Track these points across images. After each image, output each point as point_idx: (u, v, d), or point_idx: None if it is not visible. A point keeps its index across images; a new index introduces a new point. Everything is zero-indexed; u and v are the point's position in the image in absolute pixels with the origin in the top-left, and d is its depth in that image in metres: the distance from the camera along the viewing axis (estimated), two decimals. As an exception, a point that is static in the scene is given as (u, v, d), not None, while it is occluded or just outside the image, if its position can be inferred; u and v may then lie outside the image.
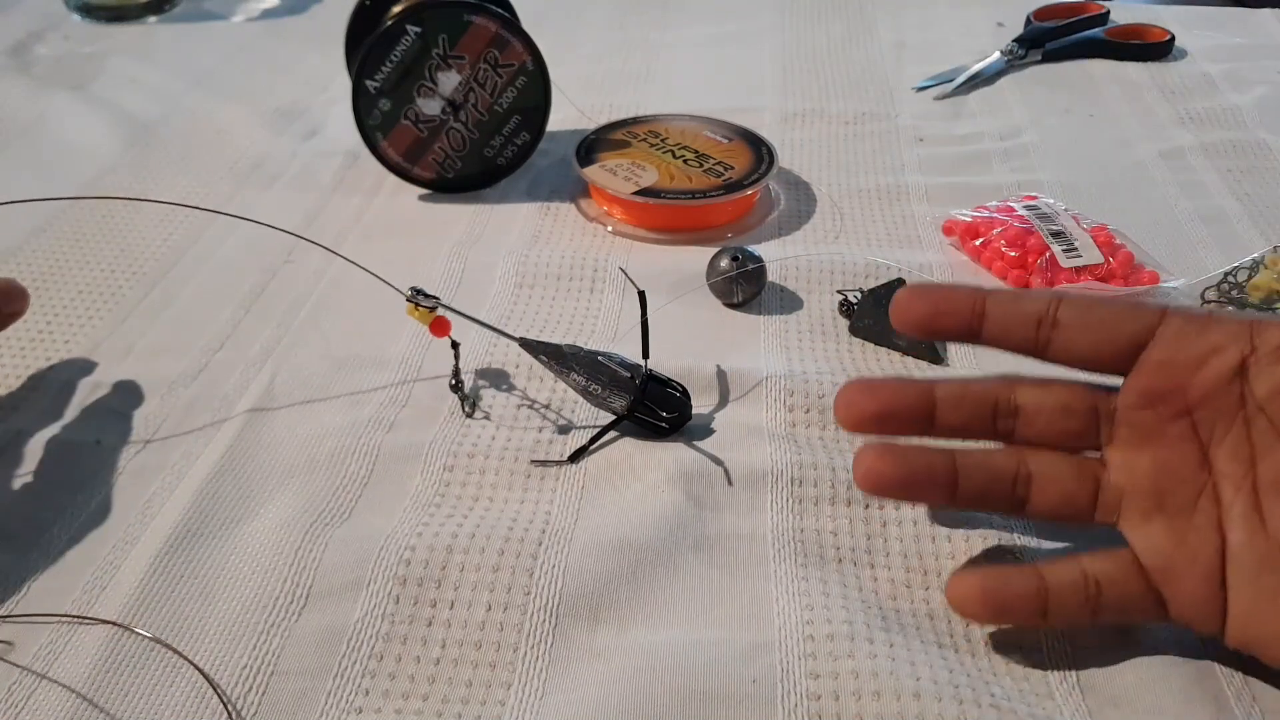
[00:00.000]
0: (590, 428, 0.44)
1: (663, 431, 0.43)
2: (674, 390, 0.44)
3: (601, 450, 0.43)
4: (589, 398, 0.43)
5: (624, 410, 0.43)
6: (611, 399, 0.43)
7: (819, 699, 0.33)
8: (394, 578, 0.37)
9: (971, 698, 0.33)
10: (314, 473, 0.42)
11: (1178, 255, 0.56)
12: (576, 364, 0.43)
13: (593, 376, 0.43)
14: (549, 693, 0.34)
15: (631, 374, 0.43)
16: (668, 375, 0.44)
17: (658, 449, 0.43)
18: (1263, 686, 0.34)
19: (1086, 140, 0.68)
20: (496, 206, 0.61)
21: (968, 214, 0.57)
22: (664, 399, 0.43)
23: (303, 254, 0.56)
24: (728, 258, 0.51)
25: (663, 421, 0.43)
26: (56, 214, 0.60)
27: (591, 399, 0.43)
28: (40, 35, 0.83)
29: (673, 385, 0.44)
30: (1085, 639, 0.36)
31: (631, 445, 0.43)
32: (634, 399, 0.43)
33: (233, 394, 0.47)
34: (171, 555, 0.38)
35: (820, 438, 0.44)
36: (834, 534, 0.40)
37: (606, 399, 0.43)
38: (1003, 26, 0.84)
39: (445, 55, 0.58)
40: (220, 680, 0.34)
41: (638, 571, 0.38)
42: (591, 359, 0.43)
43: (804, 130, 0.69)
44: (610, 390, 0.43)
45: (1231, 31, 0.83)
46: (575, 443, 0.43)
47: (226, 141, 0.68)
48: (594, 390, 0.43)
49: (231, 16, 0.88)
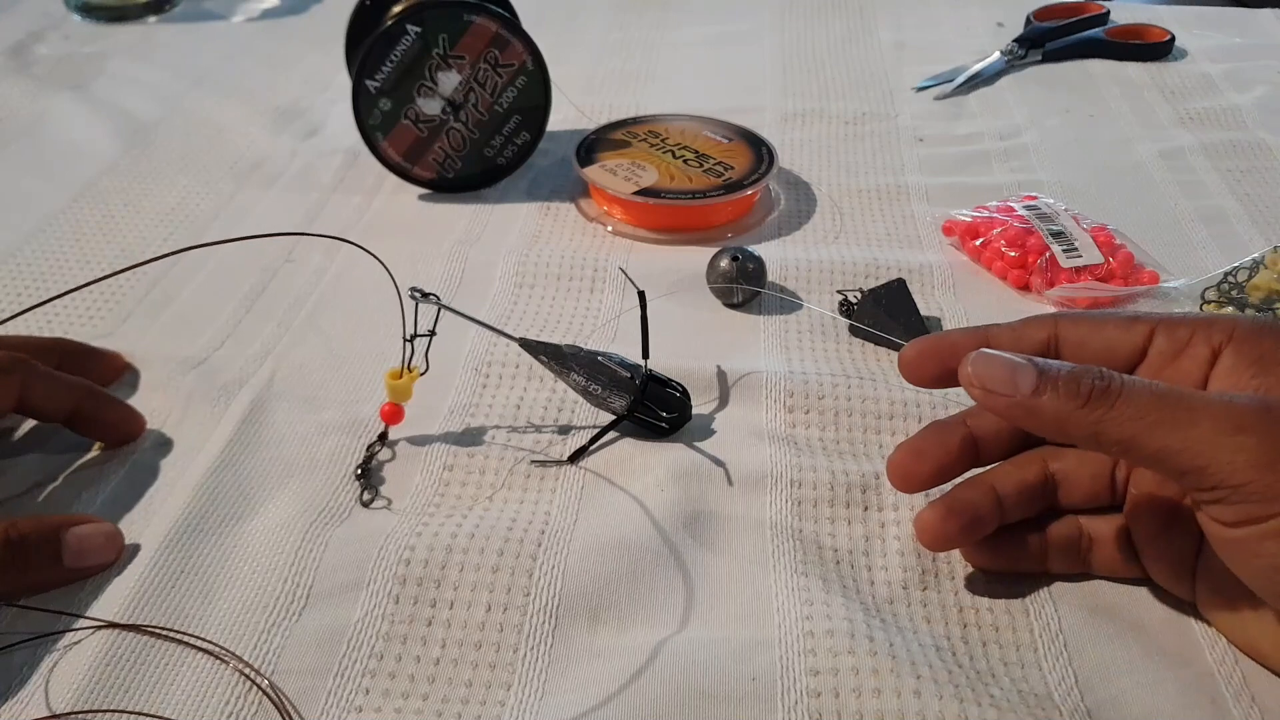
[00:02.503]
0: (590, 428, 0.44)
1: (663, 431, 0.43)
2: (674, 390, 0.44)
3: (601, 450, 0.43)
4: (589, 398, 0.43)
5: (624, 410, 0.43)
6: (611, 399, 0.43)
7: (819, 696, 0.33)
8: (394, 578, 0.37)
9: (971, 697, 0.33)
10: (314, 471, 0.42)
11: (1178, 255, 0.56)
12: (576, 364, 0.43)
13: (592, 377, 0.43)
14: (549, 693, 0.34)
15: (631, 374, 0.43)
16: (668, 375, 0.44)
17: (657, 449, 0.43)
18: (1262, 687, 0.34)
19: (1086, 140, 0.68)
20: (496, 206, 0.61)
21: (968, 214, 0.57)
22: (664, 399, 0.43)
23: (303, 253, 0.57)
24: (728, 258, 0.51)
25: (663, 422, 0.43)
26: (56, 214, 0.60)
27: (591, 399, 0.43)
28: (40, 35, 0.83)
29: (673, 385, 0.44)
30: (1085, 639, 0.36)
31: (631, 445, 0.43)
32: (634, 399, 0.43)
33: (233, 392, 0.47)
34: (171, 553, 0.38)
35: (820, 439, 0.44)
36: (833, 535, 0.40)
37: (606, 399, 0.43)
38: (1003, 26, 0.84)
39: (445, 55, 0.58)
40: (221, 679, 0.34)
41: (637, 571, 0.38)
42: (591, 359, 0.43)
43: (804, 130, 0.69)
44: (610, 390, 0.43)
45: (1231, 31, 0.83)
46: (575, 443, 0.43)
47: (226, 141, 0.68)
48: (594, 390, 0.43)
49: (231, 16, 0.88)
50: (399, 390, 0.42)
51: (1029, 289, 0.53)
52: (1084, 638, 0.36)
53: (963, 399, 0.42)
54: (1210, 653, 0.35)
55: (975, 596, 0.37)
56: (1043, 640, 0.36)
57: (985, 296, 0.53)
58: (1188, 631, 0.36)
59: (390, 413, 0.43)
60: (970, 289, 0.54)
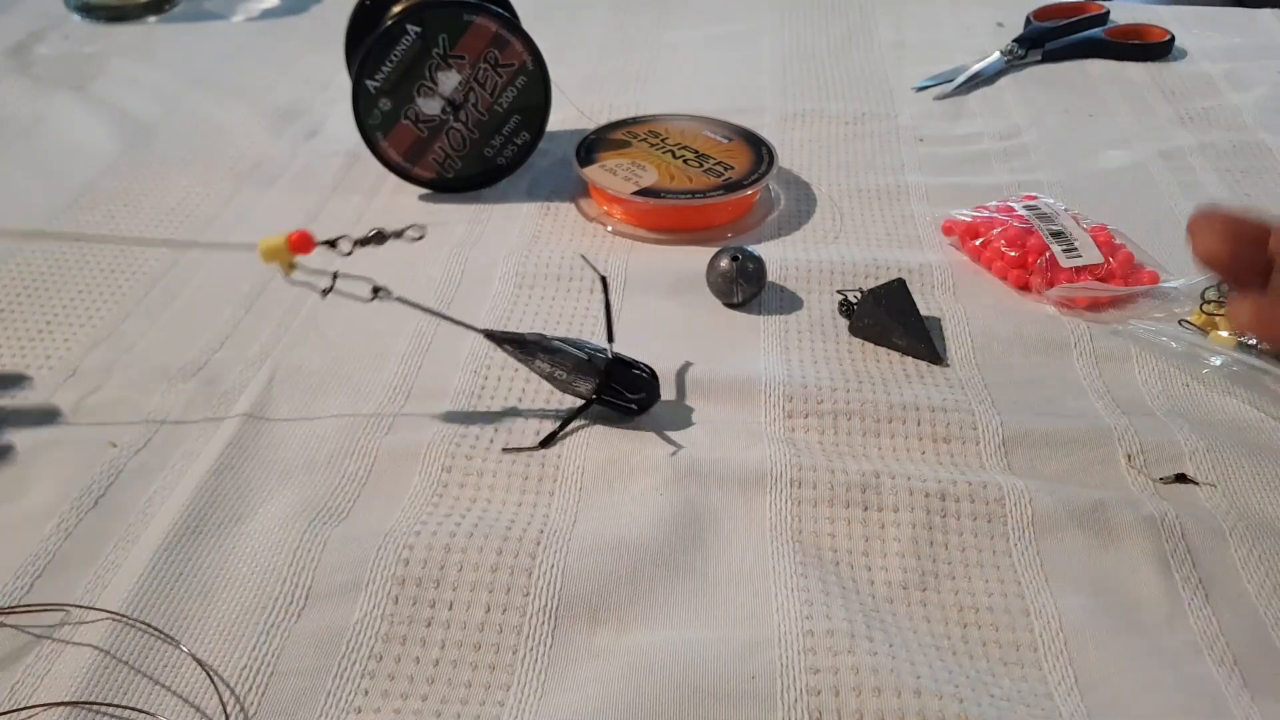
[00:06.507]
0: (588, 424, 0.44)
1: (631, 412, 0.44)
2: (640, 371, 0.44)
3: (600, 450, 0.43)
4: (555, 383, 0.44)
5: (590, 394, 0.43)
6: (577, 383, 0.43)
7: (819, 694, 0.33)
8: (393, 578, 0.37)
9: (972, 696, 0.33)
10: (312, 472, 0.42)
11: (1177, 255, 0.56)
12: (541, 351, 0.43)
13: (557, 363, 0.43)
14: (548, 693, 0.34)
15: (590, 357, 0.43)
16: (646, 363, 0.44)
17: (656, 450, 0.43)
18: (1262, 687, 0.34)
19: (1086, 140, 0.68)
20: (496, 206, 0.61)
21: (967, 214, 0.57)
22: (630, 381, 0.43)
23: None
24: (728, 258, 0.51)
25: (630, 403, 0.43)
26: (57, 214, 0.60)
27: (558, 385, 0.44)
28: (40, 35, 0.83)
29: (639, 366, 0.44)
30: (1085, 639, 0.36)
31: (630, 446, 0.43)
32: (599, 382, 0.43)
33: (232, 393, 0.47)
34: (171, 554, 0.38)
35: (819, 440, 0.44)
36: (832, 535, 0.40)
37: (572, 383, 0.43)
38: (1002, 26, 0.84)
39: (445, 55, 0.58)
40: (220, 680, 0.34)
41: (636, 572, 0.38)
42: (556, 346, 0.43)
43: (804, 130, 0.69)
44: (575, 375, 0.43)
45: (1231, 31, 0.83)
46: (575, 439, 0.43)
47: (226, 141, 0.68)
48: (559, 376, 0.43)
49: (232, 16, 0.88)
50: (270, 251, 0.41)
51: (1029, 289, 0.53)
52: (1084, 638, 0.36)
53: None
54: (1210, 653, 0.35)
55: (975, 596, 0.37)
56: (1043, 640, 0.36)
57: (985, 296, 0.53)
58: (1187, 631, 0.36)
59: (298, 240, 0.41)
60: (970, 289, 0.54)
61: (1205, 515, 0.40)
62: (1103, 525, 0.39)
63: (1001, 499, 0.40)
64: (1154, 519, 0.39)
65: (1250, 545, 0.39)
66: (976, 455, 0.43)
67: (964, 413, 0.45)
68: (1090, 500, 0.40)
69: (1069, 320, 0.51)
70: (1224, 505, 0.41)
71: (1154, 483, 0.42)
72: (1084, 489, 0.41)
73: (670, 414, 0.45)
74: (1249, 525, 0.40)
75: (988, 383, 0.47)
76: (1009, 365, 0.48)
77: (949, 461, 0.43)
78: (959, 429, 0.44)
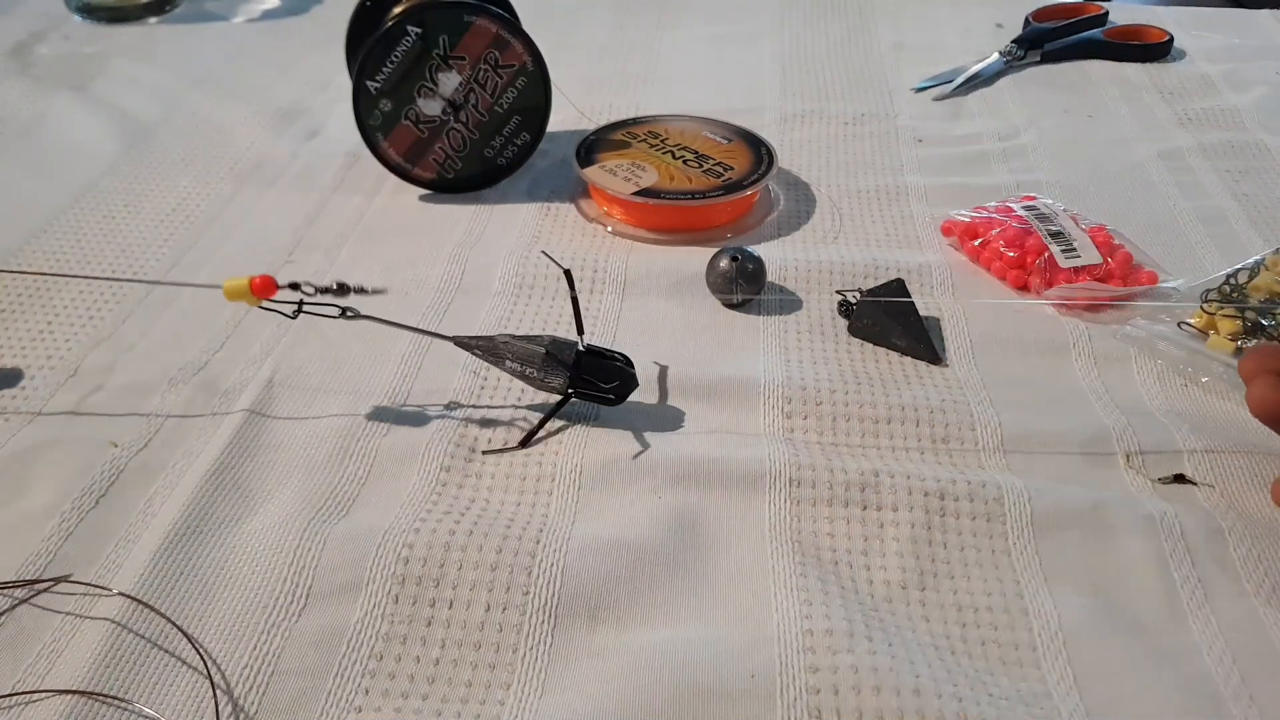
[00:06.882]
0: (587, 422, 0.44)
1: (610, 402, 0.44)
2: (614, 359, 0.44)
3: (599, 450, 0.43)
4: (530, 382, 0.44)
5: (563, 388, 0.43)
6: (550, 380, 0.43)
7: (818, 693, 0.33)
8: (393, 577, 0.37)
9: (970, 695, 0.33)
10: (312, 472, 0.42)
11: (1176, 255, 0.56)
12: (509, 352, 0.43)
13: (526, 361, 0.43)
14: (548, 692, 0.34)
15: (551, 351, 0.43)
16: (620, 352, 0.44)
17: (656, 449, 0.43)
18: (1261, 687, 0.34)
19: (1085, 141, 0.68)
20: (496, 207, 0.61)
21: (966, 214, 0.57)
22: (603, 370, 0.43)
23: (303, 254, 0.57)
24: (727, 258, 0.51)
25: (607, 392, 0.43)
26: (57, 214, 0.60)
27: (532, 383, 0.44)
28: (41, 35, 0.83)
29: (612, 355, 0.44)
30: (1085, 639, 0.36)
31: (630, 445, 0.43)
32: (570, 376, 0.43)
33: (232, 393, 0.47)
34: (171, 553, 0.38)
35: (818, 440, 0.44)
36: (831, 535, 0.40)
37: (545, 380, 0.43)
38: (1001, 27, 0.84)
39: (446, 56, 0.58)
40: (220, 680, 0.34)
41: (636, 571, 0.38)
42: (522, 345, 0.43)
43: (804, 131, 0.69)
44: (546, 371, 0.43)
45: (1230, 32, 0.83)
46: (574, 438, 0.44)
47: (227, 141, 0.68)
48: (530, 374, 0.43)
49: (232, 17, 0.88)
50: (234, 292, 0.41)
51: (1028, 289, 0.53)
52: (1083, 637, 0.36)
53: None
54: (1209, 653, 0.35)
55: (974, 596, 0.37)
56: (1041, 640, 0.36)
57: (984, 297, 0.53)
58: (1188, 632, 0.36)
59: (261, 285, 0.41)
60: (969, 289, 0.54)
61: (1204, 515, 0.40)
62: (1102, 525, 0.40)
63: (1000, 499, 0.40)
64: (1153, 519, 0.40)
65: (1249, 545, 0.39)
66: (975, 455, 0.43)
67: (963, 413, 0.45)
68: (1089, 500, 0.40)
69: (1068, 320, 0.51)
70: (1223, 505, 0.41)
71: (1153, 483, 0.42)
72: (1083, 489, 0.41)
73: (670, 414, 0.45)
74: (1248, 525, 0.40)
75: (986, 383, 0.47)
76: (1008, 365, 0.49)
77: (948, 461, 0.43)
78: (958, 429, 0.44)
